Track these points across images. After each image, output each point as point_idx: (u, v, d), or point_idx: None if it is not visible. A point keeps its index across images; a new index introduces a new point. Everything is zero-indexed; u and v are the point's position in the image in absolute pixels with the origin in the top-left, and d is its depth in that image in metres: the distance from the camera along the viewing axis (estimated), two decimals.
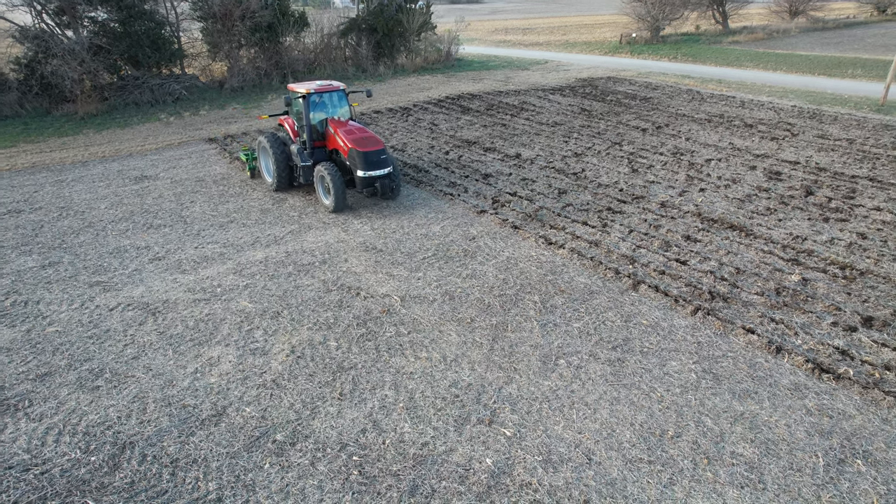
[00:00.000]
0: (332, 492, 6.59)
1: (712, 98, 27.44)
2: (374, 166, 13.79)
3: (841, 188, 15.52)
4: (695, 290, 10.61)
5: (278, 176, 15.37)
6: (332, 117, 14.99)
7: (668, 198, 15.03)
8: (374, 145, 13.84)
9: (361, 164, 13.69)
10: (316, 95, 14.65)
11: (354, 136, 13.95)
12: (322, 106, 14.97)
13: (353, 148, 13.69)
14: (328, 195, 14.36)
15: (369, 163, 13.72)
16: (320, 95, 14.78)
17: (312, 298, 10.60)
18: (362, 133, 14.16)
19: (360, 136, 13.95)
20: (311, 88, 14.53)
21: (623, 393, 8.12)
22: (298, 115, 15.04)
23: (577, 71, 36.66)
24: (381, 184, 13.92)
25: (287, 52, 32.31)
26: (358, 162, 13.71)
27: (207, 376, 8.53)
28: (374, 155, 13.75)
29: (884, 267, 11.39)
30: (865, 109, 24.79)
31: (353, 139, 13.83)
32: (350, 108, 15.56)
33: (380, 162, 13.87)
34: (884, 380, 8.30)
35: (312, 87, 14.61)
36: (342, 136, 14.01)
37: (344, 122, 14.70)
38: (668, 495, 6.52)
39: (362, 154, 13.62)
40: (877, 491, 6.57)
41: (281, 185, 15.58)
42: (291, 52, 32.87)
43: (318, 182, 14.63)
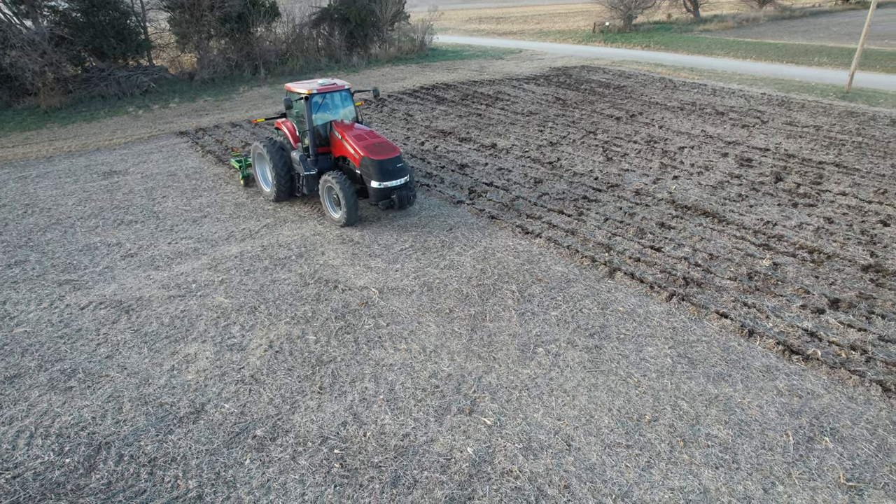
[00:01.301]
0: (313, 485, 6.58)
1: (684, 86, 27.77)
2: (389, 176, 12.34)
3: (809, 174, 15.88)
4: (669, 276, 10.79)
5: (278, 186, 13.91)
6: (336, 120, 13.52)
7: (643, 185, 15.21)
8: (389, 152, 12.40)
9: (376, 174, 12.24)
10: (319, 96, 13.19)
11: (366, 142, 12.52)
12: (325, 107, 13.48)
13: (367, 156, 12.22)
14: (337, 208, 13.03)
15: (384, 172, 12.27)
16: (323, 96, 13.31)
17: (290, 292, 10.51)
18: (374, 138, 12.73)
19: (372, 143, 12.51)
20: (313, 89, 13.03)
21: (601, 379, 8.24)
22: (300, 119, 13.68)
23: (551, 60, 36.76)
24: (399, 195, 12.42)
25: (258, 43, 31.75)
26: (372, 172, 12.26)
27: (184, 373, 8.42)
28: (389, 164, 12.29)
29: (849, 250, 11.71)
30: (831, 96, 25.35)
31: (365, 146, 12.38)
32: (356, 110, 14.15)
33: (396, 171, 12.39)
34: (850, 359, 8.56)
35: (315, 88, 13.11)
36: (352, 143, 12.55)
37: (349, 125, 13.30)
38: (645, 478, 6.65)
39: (377, 163, 12.17)
40: (843, 466, 6.79)
41: (281, 195, 14.14)
42: (263, 42, 32.31)
43: (324, 193, 13.17)
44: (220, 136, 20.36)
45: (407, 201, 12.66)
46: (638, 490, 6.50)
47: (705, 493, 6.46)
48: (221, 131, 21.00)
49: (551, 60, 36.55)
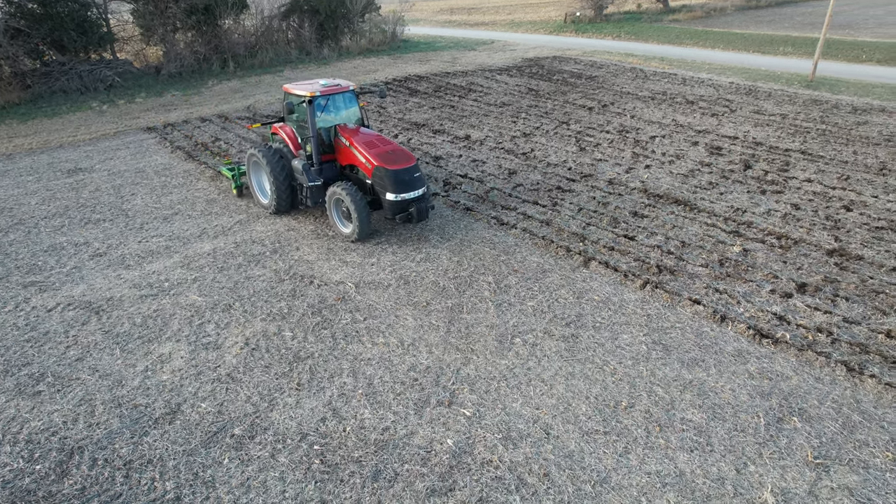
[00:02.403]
0: (294, 482, 6.55)
1: (655, 76, 28.09)
2: (406, 187, 11.16)
3: (776, 161, 16.24)
4: (643, 264, 10.95)
5: (278, 197, 12.73)
6: (341, 124, 12.32)
7: (616, 175, 15.38)
8: (405, 161, 11.25)
9: (392, 186, 11.07)
10: (322, 98, 12.00)
11: (379, 149, 11.39)
12: (328, 110, 12.29)
13: (381, 166, 11.08)
14: (346, 222, 12.01)
15: (401, 183, 11.09)
16: (326, 98, 12.12)
17: (265, 289, 10.39)
18: (387, 145, 11.62)
19: (385, 150, 11.38)
20: (315, 90, 11.78)
21: (578, 368, 8.34)
22: (300, 124, 12.46)
23: (523, 51, 36.81)
24: (418, 208, 11.26)
25: (226, 36, 31.13)
26: (387, 183, 11.09)
27: (159, 374, 8.28)
28: (405, 173, 11.14)
29: (815, 235, 12.03)
30: (796, 85, 25.92)
31: (377, 154, 11.26)
32: (362, 112, 13.05)
33: (413, 182, 11.22)
34: (816, 342, 8.82)
35: (317, 89, 11.88)
36: (363, 150, 11.41)
37: (355, 129, 12.17)
38: (623, 463, 6.77)
39: (392, 173, 11.04)
40: (811, 444, 7.01)
41: (281, 207, 12.98)
42: (231, 35, 31.70)
43: (332, 206, 12.04)
44: (190, 131, 19.96)
45: (425, 214, 11.52)
46: (616, 475, 6.61)
47: (681, 475, 6.61)
48: (191, 126, 20.58)
49: (523, 51, 36.61)
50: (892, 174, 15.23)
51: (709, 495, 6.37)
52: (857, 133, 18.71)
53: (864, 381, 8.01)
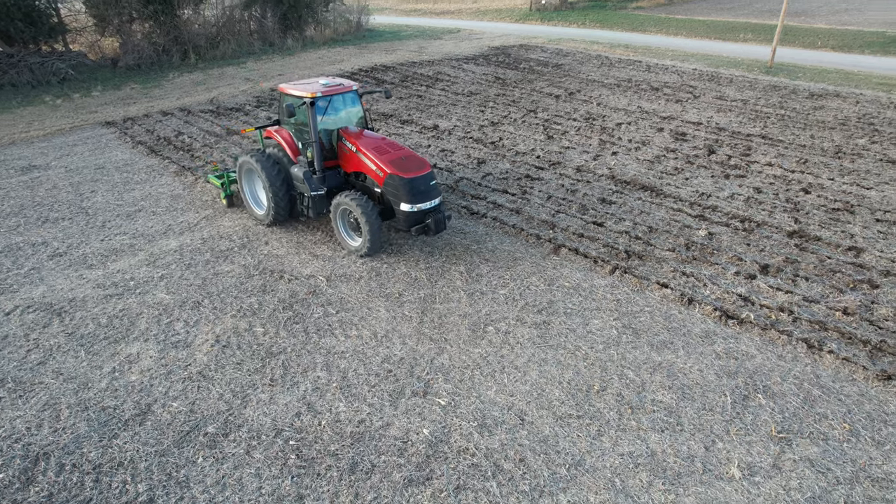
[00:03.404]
0: (270, 478, 6.51)
1: (620, 63, 28.39)
2: (423, 197, 10.29)
3: (738, 146, 16.62)
4: (612, 250, 11.12)
5: (275, 207, 11.68)
6: (345, 127, 11.33)
7: (583, 162, 15.54)
8: (420, 168, 10.39)
9: (407, 196, 10.19)
10: (323, 100, 10.95)
11: (390, 155, 10.47)
12: (330, 112, 11.25)
13: (395, 174, 10.18)
14: (355, 235, 11.15)
15: (417, 193, 10.23)
16: (328, 99, 11.04)
17: (234, 285, 10.23)
18: (398, 151, 10.69)
19: (398, 157, 10.48)
20: (316, 91, 10.75)
21: (550, 354, 8.45)
22: (298, 127, 11.41)
23: (489, 39, 36.77)
24: (435, 219, 10.34)
25: (186, 27, 30.31)
26: (402, 192, 10.20)
27: (127, 375, 8.10)
28: (421, 182, 10.28)
29: (776, 218, 12.38)
30: (756, 71, 26.51)
31: (390, 161, 10.34)
32: (366, 114, 12.04)
33: (429, 191, 10.37)
34: (779, 321, 9.10)
35: (318, 89, 10.84)
36: (372, 157, 10.49)
37: (359, 132, 11.22)
38: (596, 446, 6.91)
39: (408, 182, 10.15)
40: (774, 420, 7.26)
41: (279, 218, 11.97)
42: (191, 26, 30.88)
43: (338, 218, 11.10)
44: (151, 125, 19.42)
45: (443, 225, 10.55)
46: (590, 458, 6.75)
47: (653, 455, 6.78)
48: (152, 120, 20.03)
49: (489, 40, 36.57)
50: (847, 157, 15.75)
51: (679, 473, 6.55)
52: (813, 118, 19.26)
53: (823, 357, 8.31)
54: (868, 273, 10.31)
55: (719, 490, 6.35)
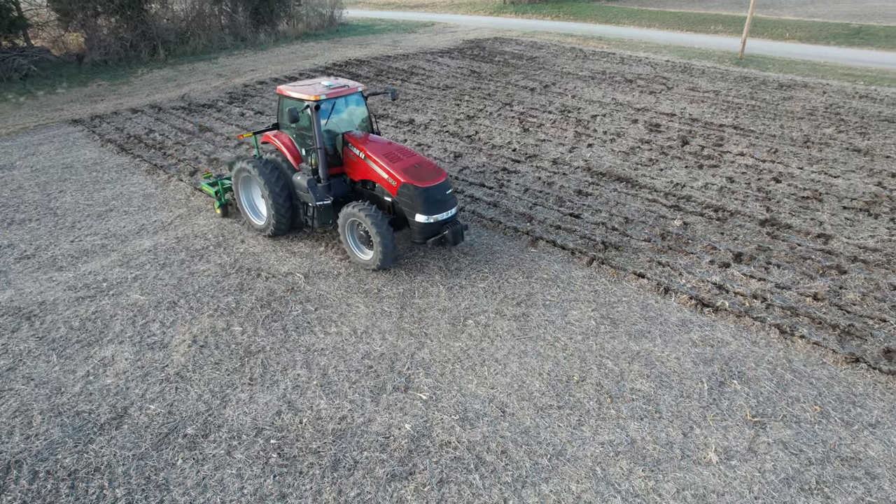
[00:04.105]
0: (252, 478, 6.45)
1: (594, 55, 28.57)
2: (439, 207, 9.71)
3: (711, 137, 16.87)
4: (589, 241, 11.22)
5: (276, 218, 10.95)
6: (350, 132, 10.67)
7: (559, 155, 15.63)
8: (436, 177, 9.78)
9: (422, 206, 9.60)
10: (328, 102, 10.27)
11: (402, 163, 9.88)
12: (334, 116, 10.57)
13: (409, 183, 9.57)
14: (364, 248, 10.45)
15: (434, 203, 9.64)
16: (332, 102, 10.35)
17: (210, 284, 10.09)
18: (411, 157, 10.09)
19: (411, 164, 9.89)
20: (320, 93, 10.04)
21: (530, 346, 8.51)
22: (300, 133, 10.74)
23: (463, 32, 36.70)
24: (452, 231, 9.78)
25: (154, 21, 29.65)
26: (417, 203, 9.61)
27: (102, 378, 7.94)
28: (438, 191, 9.69)
29: (748, 207, 12.62)
30: (727, 63, 26.91)
31: (403, 169, 9.74)
32: (370, 117, 11.36)
33: (446, 200, 9.80)
34: (752, 308, 9.30)
35: (322, 91, 10.12)
36: (383, 164, 9.84)
37: (364, 137, 10.58)
38: (577, 435, 6.99)
39: (424, 192, 9.55)
40: (749, 404, 7.43)
41: (280, 228, 11.21)
42: (159, 20, 30.21)
43: (347, 230, 10.39)
44: (121, 123, 18.99)
45: (461, 237, 10.02)
46: (571, 447, 6.82)
47: (632, 443, 6.88)
48: (121, 118, 19.58)
49: (464, 33, 36.49)
50: (815, 147, 16.10)
51: (658, 460, 6.66)
52: (783, 108, 19.64)
53: (794, 342, 8.52)
54: (836, 259, 10.57)
55: (697, 475, 6.48)
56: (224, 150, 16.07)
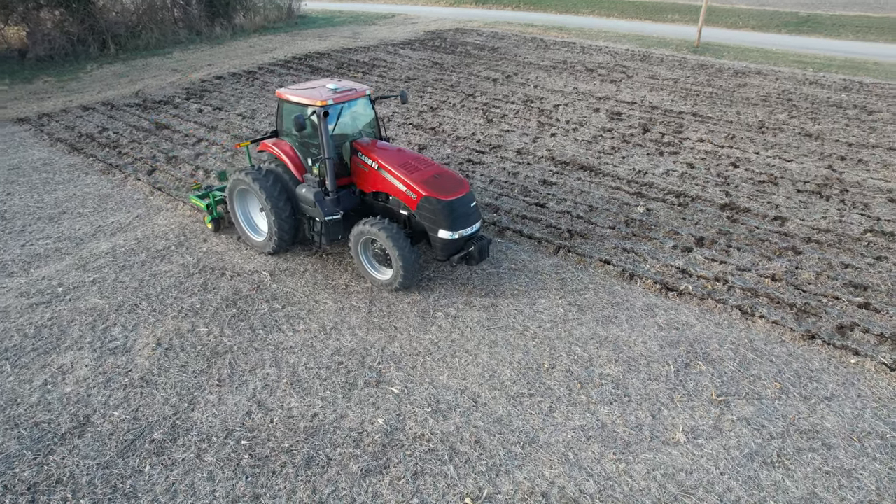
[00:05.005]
0: (223, 480, 6.34)
1: (555, 45, 28.77)
2: (465, 222, 8.98)
3: (671, 124, 17.21)
4: (555, 230, 11.34)
5: (279, 234, 10.05)
6: (358, 139, 9.83)
7: (523, 145, 15.72)
8: (459, 188, 9.03)
9: (447, 221, 8.83)
10: (334, 108, 9.34)
11: (422, 174, 9.08)
12: (342, 122, 9.73)
13: (432, 196, 8.79)
14: (381, 268, 9.68)
15: (457, 218, 8.88)
16: (339, 107, 9.45)
17: (173, 285, 9.84)
18: (429, 167, 9.31)
19: (430, 175, 9.10)
20: (326, 98, 9.15)
21: (500, 335, 8.57)
22: (303, 142, 9.83)
23: (424, 24, 36.48)
24: (479, 246, 9.09)
25: (103, 15, 28.56)
26: (441, 218, 8.83)
27: (61, 386, 7.67)
28: (462, 205, 8.93)
29: (708, 192, 12.93)
30: (685, 51, 27.45)
31: (423, 181, 8.94)
32: (378, 122, 10.49)
33: (470, 214, 9.07)
34: (715, 290, 9.55)
35: (328, 96, 9.24)
36: (401, 175, 9.04)
37: (372, 143, 9.77)
38: (549, 422, 7.08)
39: (448, 206, 8.79)
40: (714, 384, 7.64)
41: (283, 245, 10.35)
42: (108, 14, 29.12)
43: (361, 248, 9.62)
44: (71, 121, 18.27)
45: (487, 252, 9.36)
46: (543, 434, 6.91)
47: (603, 427, 7.01)
48: (72, 116, 18.84)
49: (425, 24, 36.29)
50: (769, 132, 16.59)
51: (629, 442, 6.81)
52: (738, 95, 20.16)
53: (755, 322, 8.79)
54: (792, 240, 10.94)
55: (666, 455, 6.64)
56: (182, 148, 15.65)
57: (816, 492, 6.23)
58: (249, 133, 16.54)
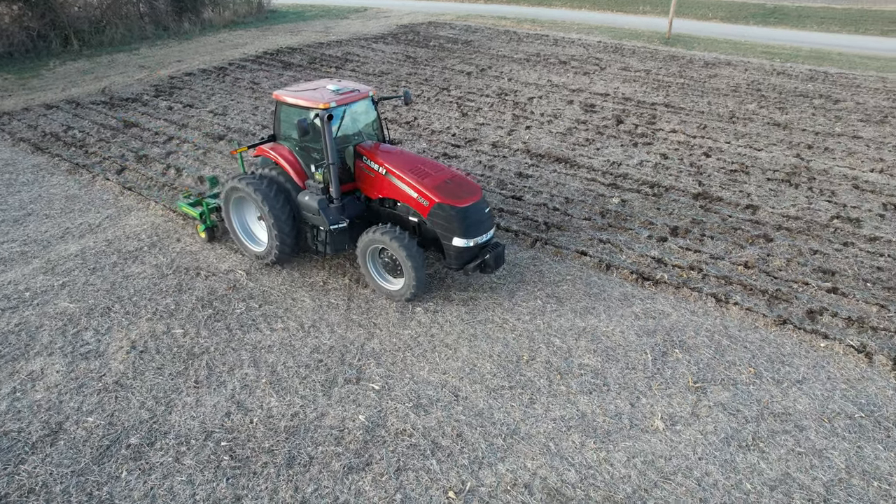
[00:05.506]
0: (203, 483, 6.26)
1: (528, 38, 28.83)
2: (479, 229, 8.62)
3: (644, 115, 17.39)
4: (531, 222, 11.39)
5: (281, 244, 9.47)
6: (362, 143, 9.44)
7: (499, 138, 15.74)
8: (473, 194, 8.67)
9: (462, 229, 8.46)
10: (337, 110, 8.87)
11: (432, 179, 8.71)
12: (344, 125, 9.21)
13: (445, 203, 8.42)
14: (391, 277, 9.30)
15: (472, 225, 8.52)
16: (342, 109, 9.00)
17: (147, 286, 9.65)
18: (440, 172, 8.95)
19: (441, 180, 8.74)
20: (328, 100, 8.68)
21: (479, 329, 8.59)
22: (304, 146, 9.37)
23: (397, 17, 36.24)
24: (494, 254, 8.71)
25: (64, 9, 27.74)
26: (456, 225, 8.45)
27: (31, 394, 7.48)
28: (476, 211, 8.58)
29: (682, 182, 13.12)
30: (656, 42, 27.74)
31: (433, 186, 8.59)
32: (381, 125, 10.13)
33: (485, 220, 8.71)
34: (690, 279, 9.70)
35: (330, 98, 8.78)
36: (410, 180, 8.68)
37: (375, 146, 9.40)
38: (530, 413, 7.13)
39: (462, 213, 8.43)
40: (690, 371, 7.78)
41: (284, 255, 9.74)
42: (69, 8, 28.28)
43: (368, 258, 9.24)
44: (34, 120, 17.74)
45: (502, 260, 9.00)
46: (524, 426, 6.96)
47: (583, 417, 7.08)
48: (34, 114, 18.28)
49: (397, 18, 36.04)
50: (740, 122, 16.88)
51: (609, 431, 6.89)
52: (709, 85, 20.46)
53: (729, 309, 8.96)
54: (763, 228, 11.16)
55: (645, 442, 6.74)
56: (153, 147, 15.32)
57: (790, 472, 6.39)
58: (222, 130, 16.27)
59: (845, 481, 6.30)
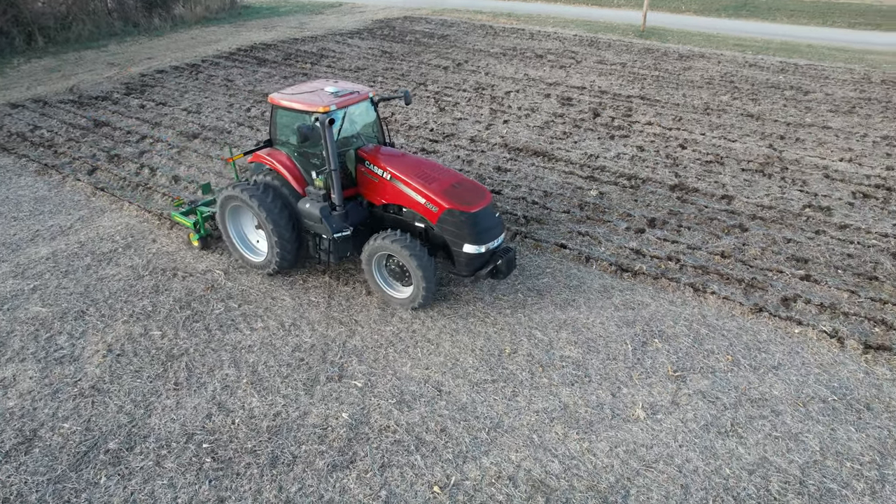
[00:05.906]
0: (186, 486, 6.18)
1: (504, 32, 28.85)
2: (490, 234, 8.36)
3: (620, 108, 17.54)
4: (511, 216, 11.43)
5: (281, 254, 9.14)
6: (363, 146, 9.14)
7: (477, 133, 15.75)
8: (482, 199, 8.38)
9: (472, 235, 8.18)
10: (337, 113, 8.52)
11: (439, 183, 8.44)
12: (344, 128, 8.87)
13: (455, 208, 8.14)
14: (399, 285, 9.04)
15: (483, 230, 8.25)
16: (343, 112, 8.66)
17: (122, 288, 9.47)
18: (448, 176, 8.69)
19: (449, 184, 8.47)
20: (328, 102, 8.38)
21: (461, 323, 8.61)
22: (302, 152, 9.06)
23: (372, 12, 35.98)
24: (506, 259, 8.52)
25: (27, 4, 26.96)
26: (466, 231, 8.18)
27: (2, 401, 7.30)
28: (486, 217, 8.30)
29: (658, 173, 13.27)
30: (631, 35, 27.97)
31: (443, 191, 8.30)
32: (381, 126, 9.83)
33: (495, 226, 8.46)
34: (667, 269, 9.83)
35: (330, 101, 8.46)
36: (417, 185, 8.39)
37: (376, 149, 9.10)
38: (513, 406, 7.17)
39: (473, 218, 8.16)
40: (670, 361, 7.89)
41: (284, 265, 9.41)
42: (33, 3, 27.51)
43: (374, 265, 8.92)
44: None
45: (513, 265, 8.81)
46: (507, 419, 6.99)
47: (565, 408, 7.14)
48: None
49: (372, 13, 35.79)
50: (714, 113, 17.12)
51: (591, 421, 6.97)
52: (684, 78, 20.70)
53: (707, 298, 9.10)
54: (738, 218, 11.35)
55: (627, 432, 6.83)
56: (125, 146, 15.01)
57: (767, 456, 6.53)
58: (196, 129, 16.00)
59: (820, 463, 6.46)
